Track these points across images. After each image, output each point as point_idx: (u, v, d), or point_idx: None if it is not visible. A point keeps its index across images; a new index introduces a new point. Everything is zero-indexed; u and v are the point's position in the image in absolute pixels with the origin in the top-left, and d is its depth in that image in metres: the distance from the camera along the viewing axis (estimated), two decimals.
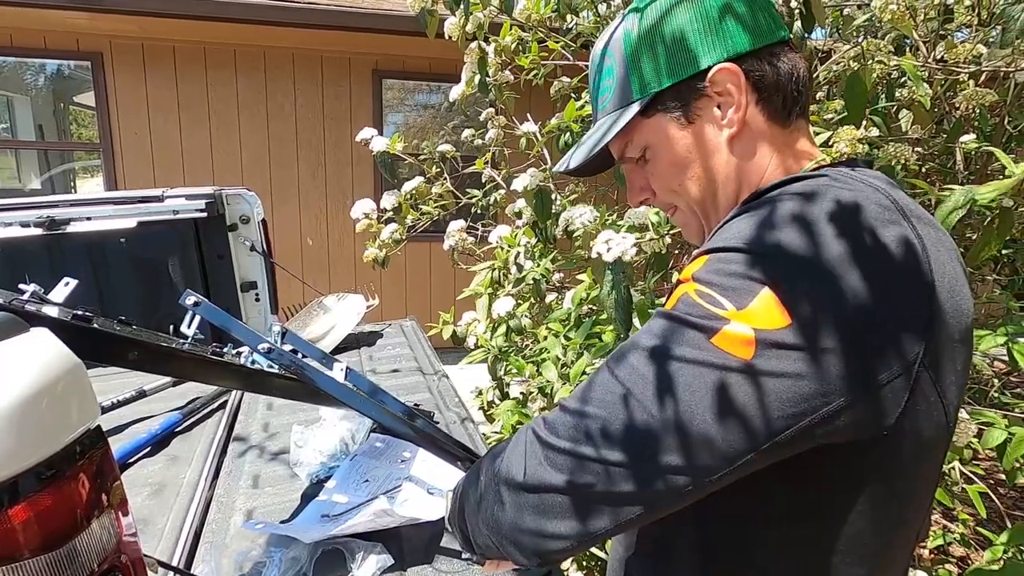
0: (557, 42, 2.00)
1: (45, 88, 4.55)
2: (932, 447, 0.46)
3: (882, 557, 0.49)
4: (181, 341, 0.79)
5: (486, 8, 1.81)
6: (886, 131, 1.53)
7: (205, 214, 1.90)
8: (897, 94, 1.50)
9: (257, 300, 2.13)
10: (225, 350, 0.94)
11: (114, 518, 0.52)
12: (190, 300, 0.91)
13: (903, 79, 1.50)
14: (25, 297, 0.65)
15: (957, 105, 1.59)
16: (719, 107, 0.52)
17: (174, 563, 0.96)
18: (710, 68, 0.50)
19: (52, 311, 0.67)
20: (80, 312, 0.64)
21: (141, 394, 1.57)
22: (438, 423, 1.44)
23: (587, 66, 0.55)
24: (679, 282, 0.47)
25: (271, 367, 0.90)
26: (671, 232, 1.42)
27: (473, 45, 1.93)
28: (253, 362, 0.91)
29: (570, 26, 2.09)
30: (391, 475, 1.20)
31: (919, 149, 1.76)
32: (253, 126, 4.44)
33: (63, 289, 0.73)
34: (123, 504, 0.56)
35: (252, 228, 2.06)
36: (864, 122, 1.37)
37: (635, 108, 0.55)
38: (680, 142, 0.54)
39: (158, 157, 4.31)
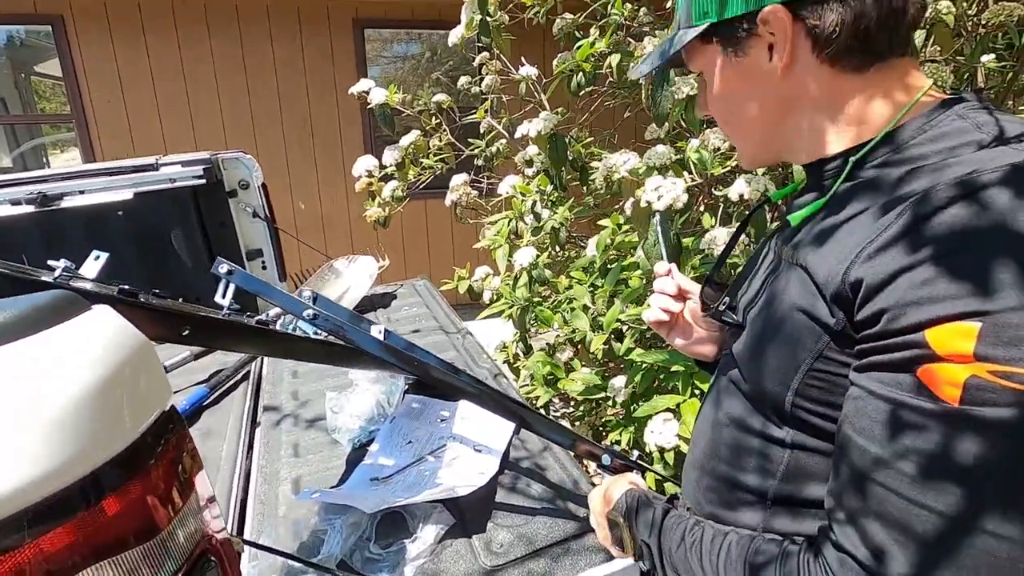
0: None
1: (3, 58, 4.28)
2: None
3: None
4: (224, 312, 0.75)
5: None
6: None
7: (203, 181, 1.81)
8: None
9: (264, 268, 2.07)
10: (258, 318, 0.90)
11: (200, 502, 0.49)
12: (223, 268, 0.86)
13: None
14: (59, 272, 0.59)
15: (984, 21, 1.52)
16: (771, 48, 0.49)
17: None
18: (761, 8, 0.48)
19: (87, 287, 0.62)
20: (125, 287, 0.59)
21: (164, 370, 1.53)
22: None
23: None
24: (930, 360, 0.38)
25: (316, 333, 0.86)
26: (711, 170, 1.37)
27: None
28: (295, 329, 0.87)
29: None
30: (434, 435, 1.19)
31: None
32: (232, 90, 4.23)
33: (94, 264, 0.68)
34: (203, 484, 0.53)
35: (252, 193, 1.98)
36: None
37: (692, 33, 0.53)
38: (730, 78, 0.53)
39: (135, 125, 4.11)
